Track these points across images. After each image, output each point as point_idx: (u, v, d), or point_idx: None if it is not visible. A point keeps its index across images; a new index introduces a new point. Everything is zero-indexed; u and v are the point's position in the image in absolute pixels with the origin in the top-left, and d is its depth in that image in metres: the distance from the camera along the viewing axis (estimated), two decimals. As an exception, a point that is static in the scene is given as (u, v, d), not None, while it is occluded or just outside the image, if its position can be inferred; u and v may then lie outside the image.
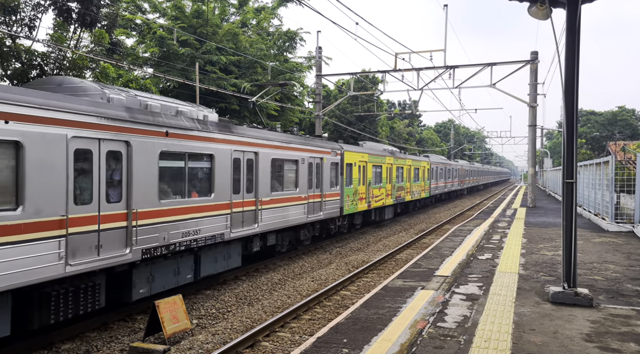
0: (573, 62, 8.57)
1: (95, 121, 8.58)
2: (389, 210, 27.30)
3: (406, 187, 29.88)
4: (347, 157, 20.58)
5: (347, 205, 20.38)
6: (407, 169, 30.12)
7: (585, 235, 17.75)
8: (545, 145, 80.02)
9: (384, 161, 25.60)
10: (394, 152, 28.37)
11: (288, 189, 15.55)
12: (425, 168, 35.37)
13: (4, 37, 16.85)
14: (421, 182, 34.03)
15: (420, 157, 36.80)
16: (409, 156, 32.41)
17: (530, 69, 28.16)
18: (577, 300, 8.62)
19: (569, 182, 8.67)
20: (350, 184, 20.79)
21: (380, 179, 25.10)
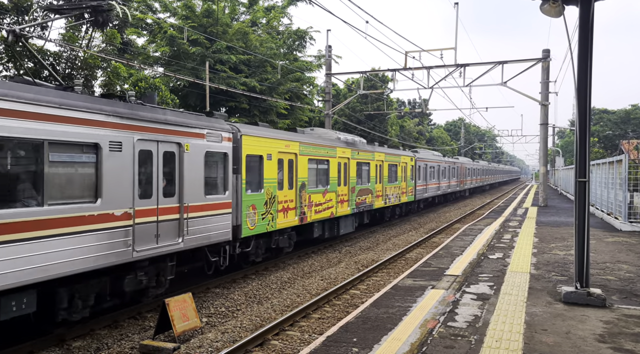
0: (586, 60, 8.47)
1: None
2: (347, 222, 20.10)
3: (376, 189, 22.90)
4: (249, 145, 13.09)
5: (251, 221, 13.12)
6: (376, 166, 23.07)
7: (597, 235, 17.57)
8: (557, 144, 79.43)
9: (332, 154, 18.31)
10: (355, 143, 21.19)
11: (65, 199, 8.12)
12: (408, 165, 28.36)
13: (16, 36, 16.97)
14: (401, 183, 26.91)
15: (402, 151, 29.14)
16: (381, 148, 24.87)
17: (542, 67, 27.91)
18: (590, 300, 8.53)
19: (581, 181, 8.58)
20: (258, 189, 13.65)
21: (326, 179, 17.96)
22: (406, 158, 28.14)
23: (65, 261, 7.88)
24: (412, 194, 29.48)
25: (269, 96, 27.60)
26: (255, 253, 14.10)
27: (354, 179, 20.33)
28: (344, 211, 19.43)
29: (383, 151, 24.50)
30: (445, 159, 39.84)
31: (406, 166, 28.02)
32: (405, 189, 27.84)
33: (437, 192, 36.42)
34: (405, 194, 27.95)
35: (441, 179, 37.21)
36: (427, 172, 32.75)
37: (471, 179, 53.11)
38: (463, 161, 48.48)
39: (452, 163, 41.88)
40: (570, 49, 8.97)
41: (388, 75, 43.33)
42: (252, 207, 13.16)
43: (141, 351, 8.18)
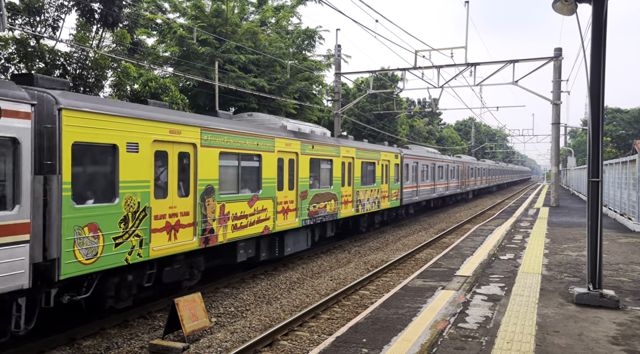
0: (599, 59, 8.36)
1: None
2: (296, 237, 15.35)
3: (342, 194, 17.98)
4: (83, 128, 8.26)
5: (87, 252, 8.22)
6: (342, 165, 18.06)
7: (610, 235, 17.37)
8: (569, 143, 78.76)
9: (267, 147, 13.36)
10: (309, 135, 16.02)
11: None
12: (392, 164, 23.57)
13: (28, 37, 17.13)
14: (381, 185, 22.05)
15: (383, 146, 23.93)
16: (350, 142, 19.65)
17: (554, 66, 27.67)
18: (603, 302, 8.41)
19: (594, 181, 8.47)
20: (108, 198, 8.78)
21: (256, 181, 13.08)
22: (388, 155, 23.26)
23: None
24: (397, 197, 24.45)
25: (278, 96, 27.62)
26: (116, 297, 9.26)
27: (305, 181, 15.25)
28: (289, 224, 14.32)
29: (353, 145, 19.42)
30: (442, 156, 35.36)
31: (389, 165, 23.14)
32: (387, 192, 22.92)
33: (432, 195, 31.46)
34: (388, 199, 23.08)
35: (437, 179, 32.44)
36: (417, 172, 27.91)
37: (475, 179, 48.15)
38: (465, 160, 43.93)
39: (452, 162, 37.27)
40: (583, 47, 8.85)
41: (398, 74, 43.25)
42: (88, 228, 8.19)
43: (151, 351, 8.19)
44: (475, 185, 48.55)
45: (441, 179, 33.70)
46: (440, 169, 33.44)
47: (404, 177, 25.26)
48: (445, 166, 34.79)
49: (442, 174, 34.07)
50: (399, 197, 24.74)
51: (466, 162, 43.07)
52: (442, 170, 34.09)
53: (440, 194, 33.81)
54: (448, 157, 38.19)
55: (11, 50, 17.02)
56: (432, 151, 34.45)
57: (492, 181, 60.43)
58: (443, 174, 34.28)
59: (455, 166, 38.25)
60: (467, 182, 43.65)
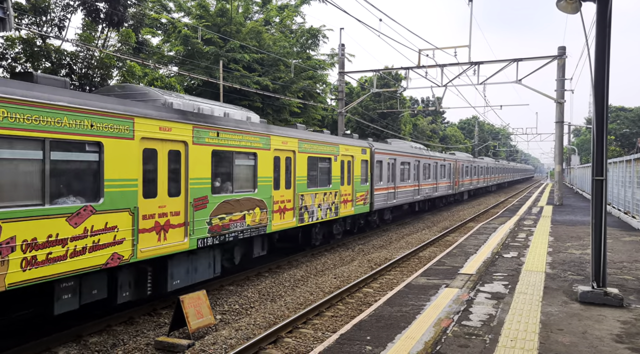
0: (603, 57, 8.37)
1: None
2: (188, 266, 10.77)
3: (274, 200, 13.53)
4: None
5: None
6: (275, 161, 13.75)
7: (614, 234, 17.35)
8: (573, 142, 78.57)
9: (123, 133, 8.98)
10: (203, 116, 11.22)
11: None
12: (356, 160, 19.05)
13: (34, 37, 17.24)
14: (340, 187, 17.53)
15: (344, 138, 19.31)
16: (290, 130, 14.96)
17: (558, 64, 27.62)
18: (607, 300, 8.43)
19: (598, 179, 8.48)
20: None
21: (93, 186, 8.48)
22: (352, 149, 18.65)
23: None
24: (366, 201, 20.09)
25: (282, 95, 27.67)
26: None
27: (202, 183, 10.78)
28: (171, 247, 9.87)
29: (295, 134, 14.72)
30: (429, 153, 31.38)
31: (352, 162, 18.66)
32: (350, 195, 18.47)
33: (416, 197, 27.09)
34: (352, 203, 18.63)
35: (423, 179, 28.29)
36: (395, 171, 23.56)
37: (471, 179, 43.76)
38: (459, 157, 40.22)
39: (441, 159, 33.12)
40: (587, 45, 8.87)
41: (401, 73, 43.26)
42: None
43: (156, 348, 8.26)
44: (471, 185, 44.32)
45: (428, 179, 29.62)
46: (426, 167, 29.40)
47: (375, 177, 20.95)
48: (433, 164, 30.82)
49: (429, 172, 30.05)
50: (368, 201, 20.24)
51: (460, 159, 39.41)
52: (429, 168, 30.09)
53: (426, 196, 29.44)
54: (437, 153, 34.17)
55: (18, 50, 17.14)
56: (416, 146, 30.29)
57: (490, 180, 56.14)
58: (430, 173, 30.19)
59: (446, 164, 34.39)
60: (462, 181, 39.62)
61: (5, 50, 16.85)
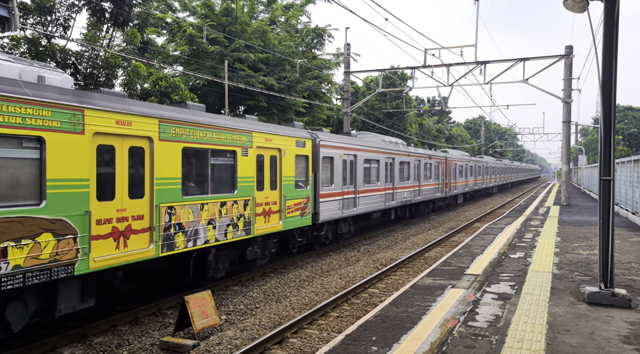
0: (611, 56, 8.28)
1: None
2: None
3: (103, 217, 8.50)
4: None
5: None
6: (99, 153, 8.54)
7: (622, 234, 17.22)
8: (580, 142, 78.16)
9: None
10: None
11: None
12: (289, 156, 14.30)
13: (39, 36, 17.29)
14: (256, 192, 12.67)
15: (257, 123, 13.18)
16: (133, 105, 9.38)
17: (565, 63, 27.45)
18: (615, 301, 8.35)
19: (606, 179, 8.40)
20: None
21: None
22: (279, 140, 13.68)
23: None
24: (307, 212, 15.10)
25: (288, 94, 27.65)
26: None
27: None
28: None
29: (156, 113, 9.80)
30: (408, 149, 26.07)
31: (279, 157, 13.74)
32: (276, 204, 13.56)
33: (389, 203, 22.20)
34: (279, 215, 13.61)
35: (399, 181, 23.51)
36: (356, 171, 18.63)
37: (467, 180, 38.71)
38: (453, 155, 35.66)
39: (426, 156, 28.08)
40: (595, 45, 8.78)
41: (407, 73, 43.14)
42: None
43: (161, 348, 8.25)
44: (467, 187, 39.13)
45: (407, 180, 24.89)
46: (404, 166, 24.56)
47: (321, 179, 16.02)
48: (414, 163, 25.93)
49: (409, 172, 25.29)
50: (310, 210, 15.20)
51: (453, 158, 34.78)
52: (409, 167, 25.26)
53: (405, 201, 24.39)
54: (421, 150, 29.07)
55: (23, 50, 17.20)
56: (392, 140, 24.88)
57: (491, 181, 50.95)
58: (411, 173, 25.46)
59: (433, 163, 29.46)
60: (455, 183, 35.10)
61: (11, 50, 16.91)
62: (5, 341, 8.19)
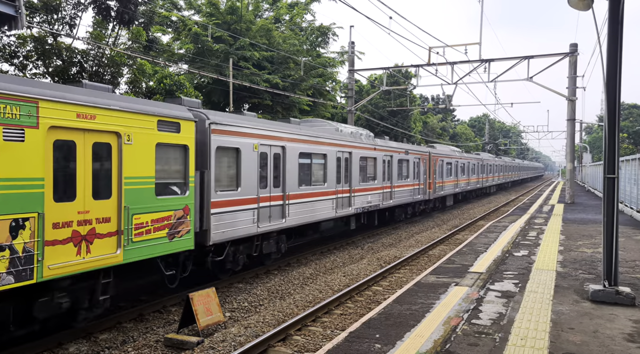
0: (615, 54, 8.27)
1: None
2: None
3: None
4: None
5: None
6: None
7: (626, 232, 17.17)
8: (585, 140, 77.88)
9: None
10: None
11: None
12: (142, 145, 9.06)
13: (46, 35, 17.37)
14: (59, 206, 7.55)
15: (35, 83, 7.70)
16: None
17: (569, 61, 27.36)
18: (619, 299, 8.35)
19: (610, 177, 8.39)
20: None
21: None
22: (118, 119, 8.61)
23: None
24: (183, 230, 10.04)
25: (292, 93, 27.67)
26: None
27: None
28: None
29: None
30: (373, 141, 20.35)
31: (120, 148, 8.69)
32: (110, 223, 8.50)
33: (342, 211, 17.16)
34: (116, 239, 8.56)
35: (358, 181, 18.31)
36: (283, 168, 13.97)
37: (457, 179, 33.83)
38: (440, 151, 30.89)
39: (400, 151, 22.85)
40: (599, 42, 8.77)
41: (411, 71, 43.06)
42: None
43: (166, 345, 8.30)
44: (458, 187, 34.24)
45: (371, 181, 19.51)
46: (368, 162, 19.31)
47: (215, 180, 11.27)
48: (382, 158, 20.42)
49: (376, 171, 20.02)
50: (189, 228, 10.22)
51: (439, 153, 29.53)
52: (376, 164, 19.89)
53: (368, 207, 19.25)
54: (395, 144, 23.12)
55: (29, 48, 17.28)
56: (353, 132, 19.22)
57: (487, 180, 45.82)
58: (377, 172, 20.09)
59: (412, 159, 24.31)
60: (442, 183, 29.84)
61: (17, 48, 17.00)
62: (10, 338, 8.27)
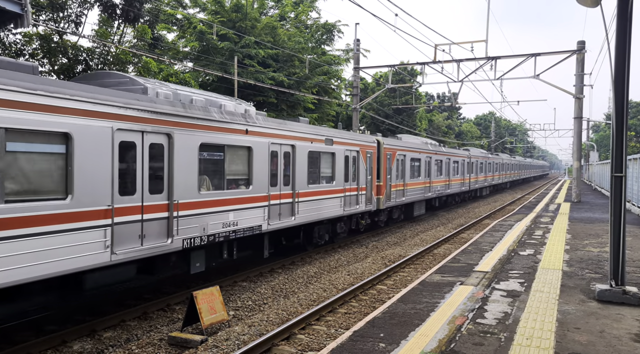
0: (624, 51, 8.17)
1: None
2: None
3: None
4: None
5: None
6: None
7: (634, 231, 17.04)
8: (592, 138, 77.41)
9: None
10: None
11: None
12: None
13: (51, 33, 17.40)
14: None
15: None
16: None
17: (577, 59, 27.17)
18: (626, 299, 8.27)
19: (617, 176, 8.31)
20: None
21: None
22: None
23: None
24: None
25: (297, 91, 27.63)
26: None
27: None
28: None
29: None
30: (268, 121, 13.03)
31: None
32: None
33: (231, 227, 11.29)
34: None
35: (274, 187, 13.10)
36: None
37: (434, 179, 27.52)
38: (410, 144, 24.34)
39: (307, 138, 14.65)
40: (608, 39, 8.68)
41: (417, 68, 42.93)
42: None
43: (170, 343, 8.29)
44: (431, 191, 26.96)
45: (243, 186, 12.02)
46: (232, 156, 11.70)
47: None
48: (274, 150, 13.17)
49: (259, 171, 12.47)
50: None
51: (397, 146, 22.23)
52: (252, 159, 12.16)
53: (241, 231, 11.66)
54: (323, 128, 16.07)
55: (35, 46, 17.32)
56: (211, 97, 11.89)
57: (476, 181, 39.10)
58: (252, 173, 12.19)
59: (340, 152, 16.51)
60: (402, 186, 22.52)
61: (23, 46, 17.04)
62: (15, 335, 8.29)
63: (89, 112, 8.02)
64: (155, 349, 8.07)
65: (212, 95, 11.94)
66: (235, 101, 12.73)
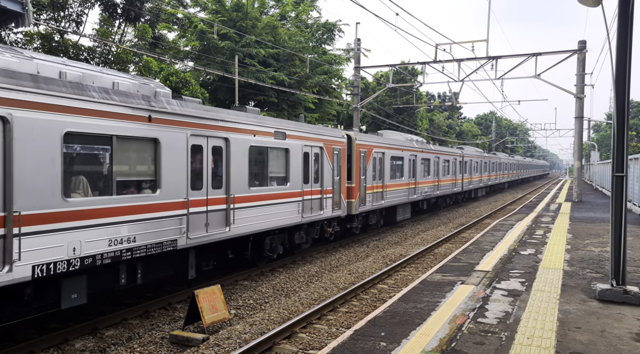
0: (625, 51, 8.18)
1: None
2: None
3: None
4: None
5: None
6: None
7: (635, 231, 17.04)
8: (593, 138, 77.37)
9: None
10: None
11: None
12: None
13: (52, 32, 17.42)
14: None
15: None
16: None
17: (578, 58, 27.16)
18: (627, 298, 8.28)
19: (619, 175, 8.32)
20: None
21: None
22: None
23: None
24: None
25: (298, 90, 27.64)
26: None
27: None
28: None
29: None
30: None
31: None
32: None
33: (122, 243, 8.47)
34: None
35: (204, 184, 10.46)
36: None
37: (414, 181, 24.11)
38: (384, 139, 21.30)
39: (265, 132, 12.49)
40: (609, 39, 8.68)
41: (418, 68, 42.92)
42: None
43: (171, 341, 8.31)
44: (416, 193, 24.46)
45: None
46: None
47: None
48: (217, 145, 10.88)
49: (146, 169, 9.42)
50: None
51: (374, 142, 19.57)
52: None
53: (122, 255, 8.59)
54: (271, 119, 13.42)
55: (36, 45, 17.34)
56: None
57: (470, 182, 36.63)
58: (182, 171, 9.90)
59: (294, 149, 13.86)
60: (380, 188, 19.93)
61: (24, 45, 17.05)
62: (17, 334, 8.32)
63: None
64: (157, 347, 8.09)
65: (102, 70, 9.25)
66: (143, 80, 9.96)
